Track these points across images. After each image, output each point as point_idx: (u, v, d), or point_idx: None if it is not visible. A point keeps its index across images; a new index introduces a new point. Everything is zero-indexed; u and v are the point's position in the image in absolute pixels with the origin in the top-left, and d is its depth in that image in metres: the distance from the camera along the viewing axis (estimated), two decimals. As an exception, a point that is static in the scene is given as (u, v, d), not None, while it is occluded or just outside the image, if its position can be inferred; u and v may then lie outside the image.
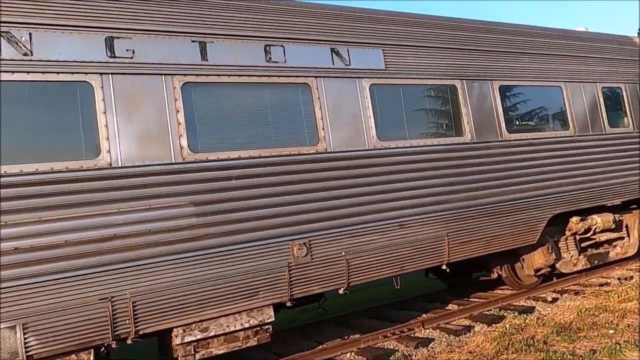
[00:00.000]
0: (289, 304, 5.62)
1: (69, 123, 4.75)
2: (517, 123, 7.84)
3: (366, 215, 6.05)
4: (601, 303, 7.27)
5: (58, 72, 4.72)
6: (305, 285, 5.63)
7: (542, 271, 8.24)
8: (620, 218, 9.37)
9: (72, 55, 4.79)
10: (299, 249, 5.58)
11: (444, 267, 6.74)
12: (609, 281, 8.77)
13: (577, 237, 8.65)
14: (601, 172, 8.36)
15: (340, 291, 5.93)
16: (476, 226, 6.92)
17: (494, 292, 8.89)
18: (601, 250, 9.04)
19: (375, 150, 6.30)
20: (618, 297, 7.40)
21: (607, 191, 8.46)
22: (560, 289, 8.57)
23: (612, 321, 6.31)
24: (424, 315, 7.81)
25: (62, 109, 4.77)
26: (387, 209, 6.22)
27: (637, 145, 8.99)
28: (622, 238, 9.38)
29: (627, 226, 9.53)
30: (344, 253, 5.88)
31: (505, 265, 8.11)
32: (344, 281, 5.88)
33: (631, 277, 8.86)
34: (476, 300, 8.58)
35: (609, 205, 8.73)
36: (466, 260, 6.92)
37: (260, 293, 5.36)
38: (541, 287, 8.61)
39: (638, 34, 11.31)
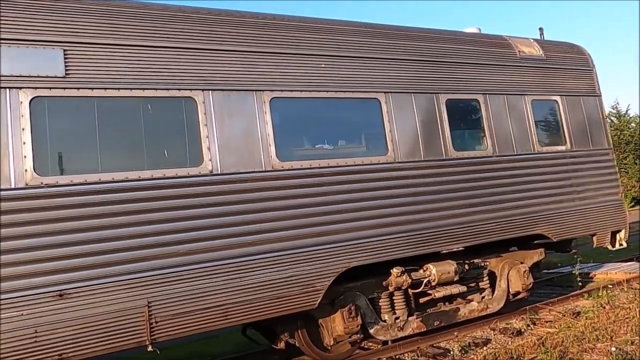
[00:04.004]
0: None
1: None
2: (298, 147, 5.95)
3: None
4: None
5: None
6: None
7: (353, 338, 6.32)
8: (485, 263, 7.41)
9: None
10: None
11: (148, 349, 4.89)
12: (449, 348, 6.79)
13: (411, 292, 6.72)
14: (425, 210, 6.40)
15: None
16: (203, 291, 5.04)
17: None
18: (447, 307, 7.08)
19: (26, 190, 4.51)
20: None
21: (438, 235, 6.49)
22: (386, 358, 6.64)
23: None
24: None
25: None
26: (35, 272, 4.41)
27: (493, 173, 7.01)
28: (483, 290, 7.40)
29: (492, 274, 7.57)
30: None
31: (299, 332, 6.19)
32: (-60, 382, 4.09)
33: (486, 342, 6.87)
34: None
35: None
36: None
37: None
38: (359, 355, 6.68)
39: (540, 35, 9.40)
